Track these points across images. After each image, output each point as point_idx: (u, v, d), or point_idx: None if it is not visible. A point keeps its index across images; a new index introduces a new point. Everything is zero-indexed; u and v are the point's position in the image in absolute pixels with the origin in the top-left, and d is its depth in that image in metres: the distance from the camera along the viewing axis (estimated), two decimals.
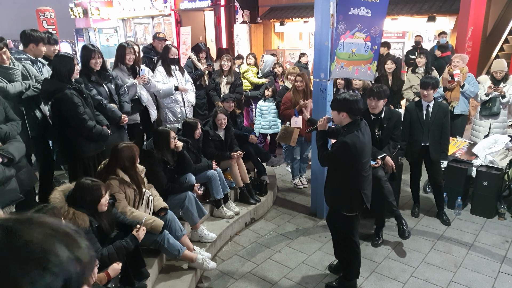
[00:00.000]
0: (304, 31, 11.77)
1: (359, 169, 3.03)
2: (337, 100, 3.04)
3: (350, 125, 3.00)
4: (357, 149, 2.92)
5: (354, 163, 3.00)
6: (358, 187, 3.07)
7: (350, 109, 2.97)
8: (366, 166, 3.08)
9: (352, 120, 3.00)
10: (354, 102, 2.96)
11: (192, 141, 4.38)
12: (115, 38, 15.15)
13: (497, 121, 5.55)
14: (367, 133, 3.06)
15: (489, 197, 4.60)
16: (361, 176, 3.06)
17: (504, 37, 10.37)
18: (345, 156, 2.97)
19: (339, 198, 3.19)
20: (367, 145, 3.03)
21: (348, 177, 3.08)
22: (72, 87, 3.53)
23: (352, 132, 2.95)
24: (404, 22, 9.46)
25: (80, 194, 2.69)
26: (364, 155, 3.01)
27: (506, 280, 3.53)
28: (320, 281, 3.55)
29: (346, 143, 2.92)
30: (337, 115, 3.03)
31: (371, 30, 4.12)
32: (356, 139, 2.92)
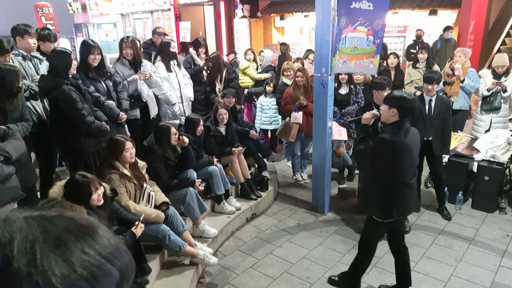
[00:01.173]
0: (305, 25, 11.72)
1: (396, 172, 2.87)
2: (392, 95, 2.93)
3: (395, 124, 2.87)
4: (394, 149, 2.80)
5: (390, 163, 2.85)
6: (391, 191, 2.90)
7: (402, 108, 2.84)
8: (406, 171, 2.89)
9: (400, 120, 2.86)
10: (410, 101, 2.85)
11: (193, 137, 4.37)
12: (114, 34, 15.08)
13: (498, 116, 5.54)
14: (413, 138, 2.91)
15: (490, 192, 4.61)
16: (398, 181, 2.89)
17: (506, 31, 10.32)
18: (381, 153, 2.87)
19: (370, 197, 3.08)
20: (409, 149, 2.86)
21: (383, 178, 2.93)
22: (69, 82, 3.51)
23: (395, 131, 2.83)
24: (405, 16, 9.41)
25: (69, 189, 2.70)
26: (403, 158, 2.85)
27: (506, 274, 3.54)
28: (322, 276, 3.56)
29: (383, 139, 2.83)
30: (387, 110, 2.89)
31: (373, 24, 4.10)
32: (395, 138, 2.81)
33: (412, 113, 2.97)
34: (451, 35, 8.28)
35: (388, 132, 2.86)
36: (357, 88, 5.37)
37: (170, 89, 5.10)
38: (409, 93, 2.86)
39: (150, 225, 3.26)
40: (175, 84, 5.19)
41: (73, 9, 15.64)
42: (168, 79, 5.12)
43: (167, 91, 5.01)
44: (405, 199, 2.94)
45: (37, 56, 4.23)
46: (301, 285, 3.45)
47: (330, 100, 4.41)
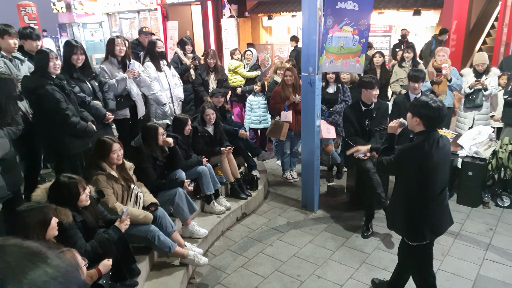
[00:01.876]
0: (292, 25, 11.78)
1: (422, 187, 2.59)
2: (416, 103, 2.66)
3: (421, 134, 2.60)
4: (417, 161, 2.55)
5: (414, 179, 2.60)
6: (420, 211, 2.63)
7: (426, 117, 2.56)
8: (433, 186, 2.60)
9: (426, 129, 2.59)
10: (435, 110, 2.54)
11: (182, 137, 4.37)
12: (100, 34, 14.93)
13: (481, 113, 5.68)
14: (443, 150, 2.59)
15: (474, 187, 4.72)
16: (424, 198, 2.61)
17: (486, 31, 10.54)
18: (403, 166, 2.64)
19: (396, 218, 2.79)
20: (436, 162, 2.54)
21: (408, 195, 2.68)
22: (53, 83, 3.48)
23: (421, 141, 2.56)
24: (390, 16, 9.55)
25: (57, 191, 2.68)
26: (429, 171, 2.55)
27: (490, 266, 3.63)
28: (312, 273, 3.60)
29: (404, 150, 2.62)
30: (411, 118, 2.64)
31: (359, 24, 4.17)
32: (418, 149, 2.54)
33: (440, 123, 2.63)
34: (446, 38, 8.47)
35: (413, 142, 2.62)
36: (345, 87, 5.44)
37: (161, 89, 5.09)
38: (434, 98, 2.61)
39: (139, 226, 3.25)
40: (165, 84, 5.18)
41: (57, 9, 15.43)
42: (158, 79, 5.10)
43: (157, 91, 5.00)
44: (436, 217, 2.67)
45: (18, 57, 4.17)
46: (291, 283, 3.48)
47: (318, 99, 4.45)
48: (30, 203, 2.43)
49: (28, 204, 2.38)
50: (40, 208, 2.37)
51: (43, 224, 2.33)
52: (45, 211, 2.38)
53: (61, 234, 2.50)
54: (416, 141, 2.60)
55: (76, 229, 2.63)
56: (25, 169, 4.11)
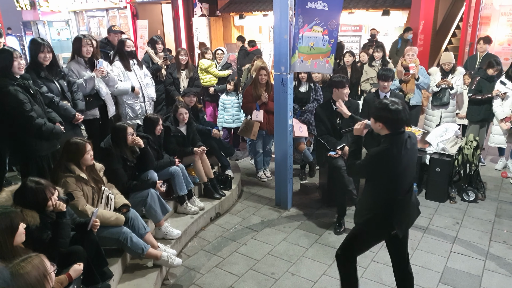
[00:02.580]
0: (264, 24, 11.83)
1: (391, 190, 2.58)
2: (375, 107, 2.62)
3: (388, 138, 2.55)
4: (386, 165, 2.53)
5: (384, 181, 2.59)
6: (390, 209, 2.62)
7: (387, 120, 2.52)
8: (403, 188, 2.60)
9: (391, 132, 2.54)
10: (394, 112, 2.48)
11: (153, 137, 4.30)
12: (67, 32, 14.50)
13: (447, 111, 5.89)
14: (411, 150, 2.57)
15: (441, 183, 4.87)
16: (393, 199, 2.60)
17: (452, 31, 10.93)
18: (372, 170, 2.63)
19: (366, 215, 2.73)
20: (405, 163, 2.54)
21: (378, 196, 2.66)
22: (16, 83, 3.35)
23: (390, 146, 2.51)
24: (360, 16, 9.74)
25: (23, 196, 2.59)
26: (398, 174, 2.54)
27: (457, 259, 3.76)
28: (286, 271, 3.63)
29: (372, 157, 2.60)
30: (374, 123, 2.60)
31: (328, 24, 4.22)
32: (385, 154, 2.51)
33: (402, 125, 2.55)
34: (410, 36, 8.70)
35: (381, 147, 2.57)
36: (317, 86, 5.49)
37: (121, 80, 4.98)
38: (394, 100, 2.56)
39: (111, 228, 3.19)
40: (135, 83, 5.09)
41: (20, 6, 14.88)
42: (127, 79, 5.01)
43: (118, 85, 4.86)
44: (404, 213, 2.67)
45: None
46: (266, 281, 3.50)
47: (290, 98, 4.48)
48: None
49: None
50: (7, 213, 2.27)
51: (10, 230, 2.24)
52: (12, 216, 2.28)
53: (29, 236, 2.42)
54: (383, 145, 2.55)
55: (44, 229, 2.56)
56: None
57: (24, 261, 1.90)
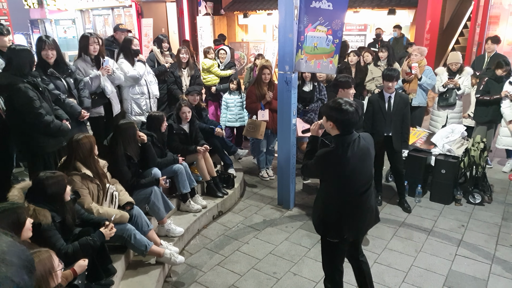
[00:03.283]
0: (268, 23, 11.79)
1: (340, 189, 2.56)
2: (326, 106, 2.58)
3: (337, 138, 2.52)
4: (333, 166, 2.50)
5: (333, 182, 2.58)
6: (338, 212, 2.59)
7: (337, 120, 2.48)
8: (351, 188, 2.55)
9: (341, 132, 2.51)
10: (345, 113, 2.43)
11: (157, 135, 4.30)
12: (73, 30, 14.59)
13: (454, 112, 5.82)
14: (362, 151, 2.52)
15: (447, 184, 4.82)
16: (342, 200, 2.57)
17: (459, 30, 10.83)
18: (320, 170, 2.61)
19: (318, 216, 2.73)
20: (354, 164, 2.48)
21: (328, 196, 2.64)
22: (26, 80, 3.37)
23: (337, 145, 2.49)
24: (365, 15, 9.67)
25: (42, 188, 2.59)
26: (346, 175, 2.49)
27: (462, 262, 3.72)
28: (288, 271, 3.61)
29: (319, 157, 2.55)
30: (325, 122, 2.57)
31: (333, 24, 4.17)
32: (332, 154, 2.49)
33: (354, 126, 2.52)
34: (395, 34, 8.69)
35: (328, 148, 2.55)
36: (321, 86, 5.46)
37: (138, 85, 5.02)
38: (347, 100, 2.51)
39: (115, 225, 3.18)
40: (141, 80, 5.10)
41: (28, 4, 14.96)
42: None
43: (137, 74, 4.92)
44: (355, 218, 2.62)
45: None
46: (267, 281, 3.48)
47: (294, 98, 4.46)
48: (2, 204, 2.33)
49: (0, 205, 2.28)
50: (14, 208, 2.28)
51: (17, 225, 2.24)
52: (19, 212, 2.29)
53: (39, 235, 2.42)
54: (333, 144, 2.52)
55: (54, 230, 2.58)
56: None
57: (33, 255, 1.90)
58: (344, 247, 2.76)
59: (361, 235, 2.72)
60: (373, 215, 2.74)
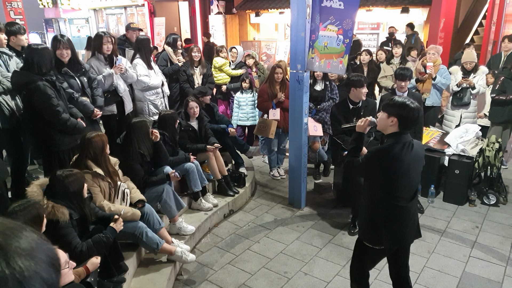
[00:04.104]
0: (280, 22, 11.77)
1: (390, 192, 2.47)
2: (392, 102, 2.49)
3: (392, 136, 2.46)
4: (386, 164, 2.43)
5: (383, 181, 2.49)
6: (384, 216, 2.50)
7: (403, 117, 2.42)
8: (401, 192, 2.47)
9: (399, 131, 2.46)
10: (413, 111, 2.42)
11: (168, 134, 4.33)
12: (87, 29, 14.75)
13: (468, 111, 5.73)
14: (415, 154, 2.47)
15: (461, 185, 4.75)
16: (390, 202, 2.47)
17: (474, 29, 10.66)
18: (372, 168, 2.51)
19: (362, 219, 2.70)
20: (407, 166, 2.42)
21: (374, 196, 2.55)
22: (44, 78, 3.41)
23: (392, 144, 2.43)
24: (378, 14, 9.59)
25: (63, 186, 2.63)
26: (398, 176, 2.42)
27: (476, 264, 3.67)
28: (299, 270, 3.60)
29: (375, 152, 2.51)
30: (386, 118, 2.47)
31: (344, 23, 4.12)
32: (388, 152, 2.42)
33: (415, 124, 2.53)
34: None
35: (383, 145, 2.51)
36: (332, 85, 5.43)
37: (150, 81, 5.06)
38: (413, 100, 2.50)
39: (127, 222, 3.21)
40: (158, 80, 5.15)
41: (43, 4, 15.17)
42: (149, 76, 5.05)
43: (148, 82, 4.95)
44: (399, 225, 2.51)
45: (6, 52, 4.09)
46: (278, 280, 3.48)
47: (306, 96, 4.44)
48: (21, 201, 2.38)
49: (19, 203, 2.32)
50: (33, 204, 2.34)
51: (38, 220, 2.31)
52: (37, 207, 2.35)
53: (56, 233, 2.45)
54: (386, 143, 2.48)
55: (71, 228, 2.60)
56: (12, 165, 4.03)
57: None
58: (380, 255, 2.68)
59: (399, 246, 2.58)
60: (415, 226, 2.63)
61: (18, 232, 0.72)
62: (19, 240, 0.70)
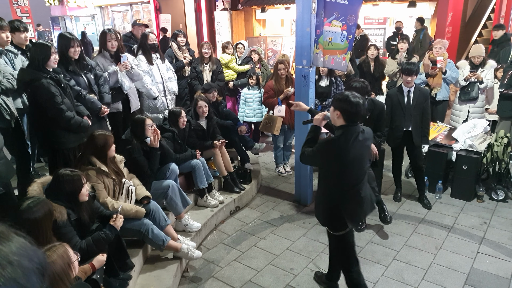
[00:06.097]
0: (286, 17, 11.71)
1: (338, 180, 2.67)
2: (336, 97, 2.70)
3: (341, 128, 2.63)
4: (333, 155, 2.60)
5: (332, 171, 2.68)
6: (337, 201, 2.68)
7: (345, 111, 2.59)
8: (350, 179, 2.66)
9: (346, 123, 2.62)
10: (353, 105, 2.56)
11: (178, 131, 4.33)
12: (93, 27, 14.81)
13: (476, 106, 5.66)
14: (361, 143, 2.63)
15: (468, 181, 4.71)
16: (340, 191, 2.67)
17: (482, 23, 10.51)
18: (321, 159, 2.72)
19: (319, 208, 2.88)
20: (353, 155, 2.59)
21: (327, 186, 2.76)
22: (49, 76, 3.42)
23: (341, 135, 2.60)
24: (385, 8, 9.49)
25: (59, 185, 2.63)
26: (345, 164, 2.60)
27: (484, 260, 3.63)
28: (305, 267, 3.59)
29: (321, 145, 2.69)
30: (332, 111, 2.67)
31: (347, 19, 4.08)
32: (334, 144, 2.61)
33: (358, 118, 2.64)
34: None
35: (331, 137, 2.70)
36: (338, 80, 5.39)
37: (152, 83, 5.03)
38: (357, 95, 2.65)
39: (133, 220, 3.22)
40: (158, 77, 5.13)
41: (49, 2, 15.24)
42: (149, 73, 5.05)
43: (147, 85, 4.95)
44: (356, 205, 2.72)
45: (11, 50, 4.11)
46: (285, 277, 3.47)
47: (312, 92, 4.41)
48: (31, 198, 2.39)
49: (31, 200, 2.33)
50: (43, 200, 2.37)
51: (50, 215, 2.34)
52: (48, 202, 2.39)
53: (55, 231, 2.47)
54: (336, 135, 2.65)
55: (70, 227, 2.61)
56: (16, 164, 4.06)
57: (50, 250, 1.94)
58: (351, 236, 2.85)
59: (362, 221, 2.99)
60: (369, 203, 2.84)
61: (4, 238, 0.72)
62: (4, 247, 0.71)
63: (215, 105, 5.32)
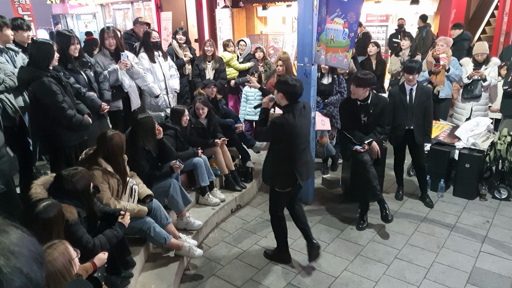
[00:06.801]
0: (287, 15, 11.66)
1: (290, 149, 3.19)
2: (278, 81, 3.25)
3: (286, 107, 3.16)
4: (285, 130, 3.09)
5: (284, 142, 3.17)
6: (290, 165, 3.23)
7: (286, 92, 3.13)
8: (299, 146, 3.21)
9: (289, 102, 3.15)
10: (291, 86, 3.11)
11: (180, 129, 4.32)
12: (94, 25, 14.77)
13: (479, 104, 5.63)
14: (304, 117, 3.20)
15: (471, 179, 4.68)
16: (292, 156, 3.21)
17: (486, 20, 10.46)
18: (274, 135, 3.18)
19: (271, 173, 3.36)
20: (300, 128, 3.15)
21: (280, 155, 3.26)
22: (49, 74, 3.41)
23: (285, 113, 3.12)
24: (387, 5, 9.44)
25: (71, 185, 2.61)
26: (294, 136, 3.14)
27: (487, 259, 3.61)
28: (307, 265, 3.58)
29: (274, 123, 3.13)
30: (276, 94, 3.21)
31: (348, 16, 4.06)
32: (285, 121, 3.08)
33: (298, 96, 3.16)
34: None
35: (281, 116, 3.16)
36: (340, 78, 5.36)
37: (154, 81, 5.01)
38: (294, 78, 3.23)
39: (135, 218, 3.21)
40: (160, 75, 5.12)
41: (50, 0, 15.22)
42: (151, 70, 5.03)
43: (149, 83, 4.93)
44: (304, 167, 3.30)
45: (12, 48, 4.10)
46: (286, 275, 3.46)
47: (314, 90, 4.39)
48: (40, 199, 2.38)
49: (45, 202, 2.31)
50: (53, 202, 2.35)
51: (62, 216, 2.34)
52: (58, 203, 2.37)
53: (65, 231, 2.46)
54: (284, 113, 3.14)
55: (79, 225, 2.60)
56: (19, 162, 4.05)
57: (50, 248, 1.93)
58: (288, 195, 3.41)
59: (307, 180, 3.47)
60: (313, 166, 3.68)
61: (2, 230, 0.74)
62: None
63: (214, 102, 5.30)
